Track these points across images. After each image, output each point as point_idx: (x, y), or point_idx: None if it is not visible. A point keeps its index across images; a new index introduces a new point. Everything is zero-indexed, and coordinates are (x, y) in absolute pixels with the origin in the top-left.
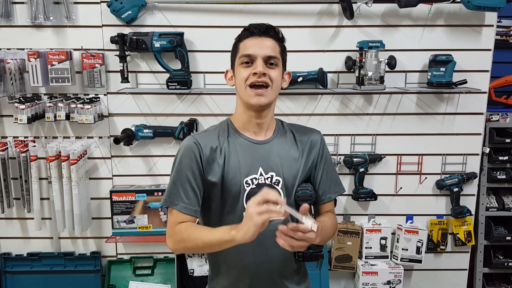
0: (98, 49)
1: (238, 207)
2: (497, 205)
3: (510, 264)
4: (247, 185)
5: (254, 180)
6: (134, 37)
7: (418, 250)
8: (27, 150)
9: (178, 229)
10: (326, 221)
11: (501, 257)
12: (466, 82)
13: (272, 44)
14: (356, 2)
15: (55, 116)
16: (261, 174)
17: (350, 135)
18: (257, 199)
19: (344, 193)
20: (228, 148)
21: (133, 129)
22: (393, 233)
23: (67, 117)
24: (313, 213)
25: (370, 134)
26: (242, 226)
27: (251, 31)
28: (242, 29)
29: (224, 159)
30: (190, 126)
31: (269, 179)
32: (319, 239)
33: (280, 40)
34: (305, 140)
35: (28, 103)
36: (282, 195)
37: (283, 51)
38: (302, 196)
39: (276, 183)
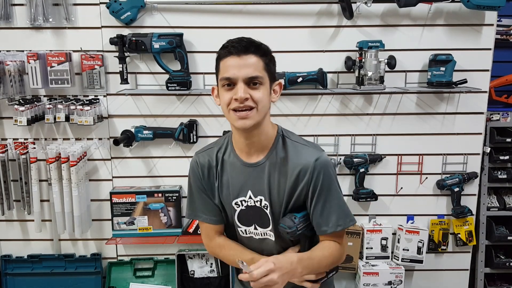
0: (98, 51)
1: (234, 225)
2: (498, 205)
3: (511, 264)
4: (237, 206)
5: (243, 202)
6: (134, 38)
7: (419, 251)
8: (27, 152)
9: (215, 247)
10: (314, 255)
11: (503, 257)
12: (466, 82)
13: (254, 61)
14: (355, 2)
15: (54, 118)
16: (250, 197)
17: (350, 135)
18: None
19: (352, 225)
20: (222, 168)
21: (132, 130)
22: (394, 234)
23: (67, 118)
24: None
25: (370, 134)
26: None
27: (229, 50)
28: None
29: (218, 179)
30: (190, 127)
31: (259, 203)
32: (302, 271)
33: (263, 54)
34: (295, 164)
35: (28, 105)
36: (271, 219)
37: (268, 65)
38: (281, 230)
39: (265, 207)
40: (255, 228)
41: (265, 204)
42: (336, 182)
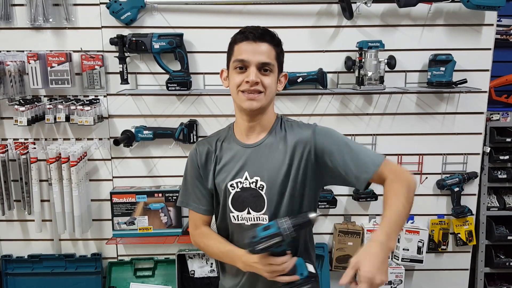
0: (98, 51)
1: (227, 210)
2: (498, 205)
3: (511, 263)
4: (232, 188)
5: (239, 183)
6: (134, 39)
7: (419, 250)
8: (27, 152)
9: (198, 235)
10: (388, 212)
11: (503, 257)
12: (466, 82)
13: (267, 49)
14: (355, 2)
15: (55, 118)
16: (246, 178)
17: (350, 135)
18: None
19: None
20: (220, 153)
21: (133, 130)
22: None
23: (67, 119)
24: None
25: (370, 134)
26: (249, 263)
27: (246, 35)
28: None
29: (215, 164)
30: (190, 127)
31: (254, 184)
32: (395, 234)
33: (276, 44)
34: (292, 139)
35: (28, 105)
36: (266, 201)
37: (279, 55)
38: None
39: (260, 188)
40: (248, 213)
41: (260, 184)
42: (346, 137)
